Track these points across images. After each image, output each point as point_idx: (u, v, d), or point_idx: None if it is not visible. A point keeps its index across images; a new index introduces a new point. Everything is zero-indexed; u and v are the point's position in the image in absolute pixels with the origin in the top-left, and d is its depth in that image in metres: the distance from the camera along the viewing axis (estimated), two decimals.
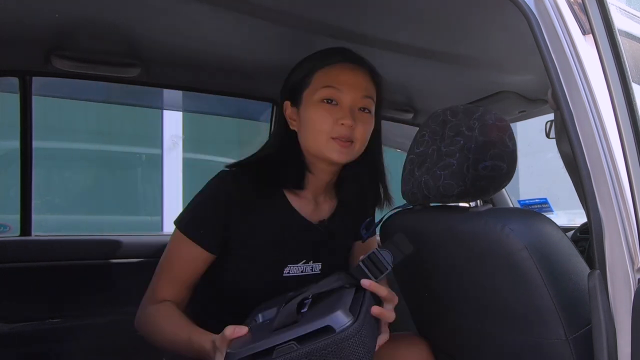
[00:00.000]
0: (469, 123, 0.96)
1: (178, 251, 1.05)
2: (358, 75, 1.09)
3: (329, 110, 1.06)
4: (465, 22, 1.13)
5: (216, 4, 1.06)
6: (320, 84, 1.07)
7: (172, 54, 1.35)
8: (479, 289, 0.97)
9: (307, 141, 1.09)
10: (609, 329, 0.76)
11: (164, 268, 1.06)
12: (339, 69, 1.08)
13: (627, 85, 0.77)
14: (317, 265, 1.13)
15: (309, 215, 1.13)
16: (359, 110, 1.09)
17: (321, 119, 1.06)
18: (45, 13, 1.11)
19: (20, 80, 1.49)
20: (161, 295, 1.04)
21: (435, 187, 0.98)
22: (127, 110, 4.10)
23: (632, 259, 0.76)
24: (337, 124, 1.05)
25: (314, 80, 1.08)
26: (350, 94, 1.07)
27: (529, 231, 0.86)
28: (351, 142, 1.07)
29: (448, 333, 1.13)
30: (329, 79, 1.07)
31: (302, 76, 1.10)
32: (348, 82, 1.07)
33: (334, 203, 1.19)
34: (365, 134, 1.10)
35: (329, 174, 1.14)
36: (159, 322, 1.00)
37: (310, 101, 1.08)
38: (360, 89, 1.08)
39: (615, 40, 0.77)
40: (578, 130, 0.81)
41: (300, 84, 1.10)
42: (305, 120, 1.09)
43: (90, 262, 1.62)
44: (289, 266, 1.09)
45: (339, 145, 1.06)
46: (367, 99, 1.09)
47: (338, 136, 1.05)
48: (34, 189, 1.59)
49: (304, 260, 1.11)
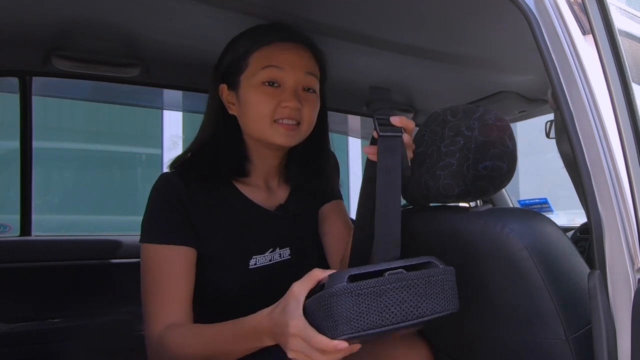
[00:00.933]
0: (469, 123, 0.96)
1: (159, 265, 0.96)
2: (298, 52, 1.04)
3: (271, 94, 1.01)
4: (466, 22, 1.13)
5: (216, 4, 1.06)
6: (259, 65, 1.01)
7: (172, 54, 1.35)
8: (478, 289, 0.97)
9: (249, 126, 1.04)
10: (609, 329, 0.76)
11: (154, 292, 0.96)
12: (277, 48, 1.02)
13: (627, 85, 0.77)
14: (284, 251, 1.10)
15: (263, 202, 1.10)
16: (304, 90, 1.04)
17: (263, 103, 1.00)
18: (45, 13, 1.11)
19: (20, 80, 1.49)
20: (169, 319, 0.94)
21: (435, 187, 0.98)
22: (127, 110, 4.10)
23: (632, 259, 0.76)
24: (281, 106, 1.01)
25: (251, 62, 1.02)
26: (292, 73, 1.01)
27: (529, 231, 0.86)
28: (298, 124, 1.03)
29: (448, 333, 1.13)
30: (268, 59, 1.01)
31: (237, 57, 1.04)
32: (289, 60, 1.01)
33: (289, 187, 1.16)
34: (312, 115, 1.06)
35: (275, 159, 1.10)
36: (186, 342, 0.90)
37: (249, 84, 1.02)
38: (302, 66, 1.03)
39: (615, 40, 0.77)
40: (578, 130, 0.81)
41: (236, 67, 1.04)
42: (245, 105, 1.03)
43: (90, 262, 1.62)
44: (255, 257, 1.05)
45: (285, 129, 1.01)
46: (310, 76, 1.05)
47: (282, 118, 1.01)
48: (34, 189, 1.59)
49: (270, 249, 1.08)
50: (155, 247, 0.97)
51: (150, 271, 0.97)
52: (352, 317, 0.71)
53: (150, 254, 0.97)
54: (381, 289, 0.72)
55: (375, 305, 0.72)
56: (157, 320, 0.95)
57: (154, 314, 0.95)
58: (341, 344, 0.71)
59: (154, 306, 0.96)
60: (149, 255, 0.98)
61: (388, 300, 0.72)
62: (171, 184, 1.02)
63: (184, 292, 0.97)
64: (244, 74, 1.03)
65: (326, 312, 0.72)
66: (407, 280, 0.74)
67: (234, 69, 1.04)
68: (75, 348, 1.53)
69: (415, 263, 0.79)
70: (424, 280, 0.76)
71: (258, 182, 1.11)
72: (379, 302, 0.72)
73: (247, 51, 1.03)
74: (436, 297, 0.76)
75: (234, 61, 1.04)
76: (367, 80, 1.58)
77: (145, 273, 0.98)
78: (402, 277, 0.75)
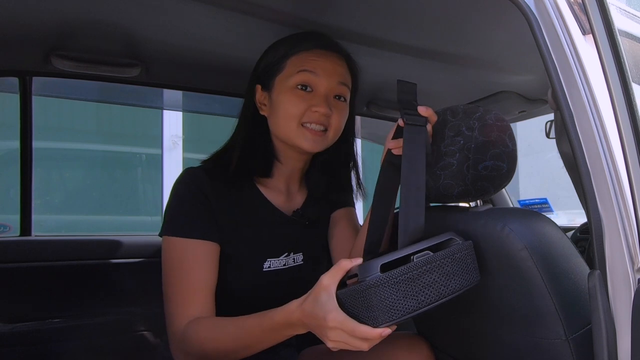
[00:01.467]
0: (469, 123, 0.96)
1: (184, 259, 0.95)
2: (334, 61, 1.06)
3: (303, 97, 1.02)
4: (465, 22, 1.13)
5: (216, 4, 1.06)
6: (295, 69, 1.03)
7: (172, 54, 1.35)
8: (479, 289, 0.97)
9: (278, 127, 1.05)
10: (609, 329, 0.76)
11: (177, 285, 0.95)
12: (314, 54, 1.04)
13: (627, 85, 0.77)
14: (298, 256, 1.11)
15: (281, 206, 1.11)
16: (335, 98, 1.06)
17: (294, 105, 1.02)
18: (46, 13, 1.11)
19: (20, 80, 1.49)
20: (192, 312, 0.93)
21: (435, 187, 0.98)
22: (127, 110, 4.10)
23: (632, 259, 0.76)
24: (311, 110, 1.02)
25: (287, 65, 1.04)
26: (325, 80, 1.03)
27: (529, 231, 0.86)
28: (325, 130, 1.04)
29: (448, 333, 1.13)
30: (304, 63, 1.03)
31: (275, 60, 1.06)
32: (324, 67, 1.03)
33: (305, 192, 1.17)
34: (340, 123, 1.07)
35: (299, 162, 1.11)
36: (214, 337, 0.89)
37: (283, 86, 1.04)
38: (337, 74, 1.05)
39: (615, 40, 0.77)
40: (578, 130, 0.81)
41: (272, 69, 1.06)
42: (276, 106, 1.04)
43: (90, 262, 1.62)
44: (269, 260, 1.06)
45: (312, 134, 1.03)
46: (343, 86, 1.06)
47: (310, 122, 1.02)
48: (34, 189, 1.59)
49: (285, 254, 1.09)
50: (179, 241, 0.96)
51: (173, 265, 0.96)
52: (390, 306, 0.74)
53: (175, 247, 0.97)
54: (413, 274, 0.76)
55: (410, 291, 0.75)
56: (181, 314, 0.93)
57: (177, 308, 0.94)
58: (385, 331, 0.74)
59: (177, 300, 0.94)
60: (173, 248, 0.97)
61: (421, 284, 0.76)
62: (196, 178, 1.01)
63: (208, 287, 0.96)
64: (279, 76, 1.05)
65: (365, 304, 0.75)
66: (435, 261, 0.78)
67: (270, 71, 1.06)
68: (75, 348, 1.53)
69: (437, 242, 0.82)
70: (450, 258, 0.80)
71: (279, 184, 1.12)
72: (413, 287, 0.75)
73: (285, 55, 1.05)
74: (462, 272, 0.81)
75: (271, 64, 1.06)
76: (367, 81, 1.58)
77: (169, 267, 0.97)
78: (430, 259, 0.78)
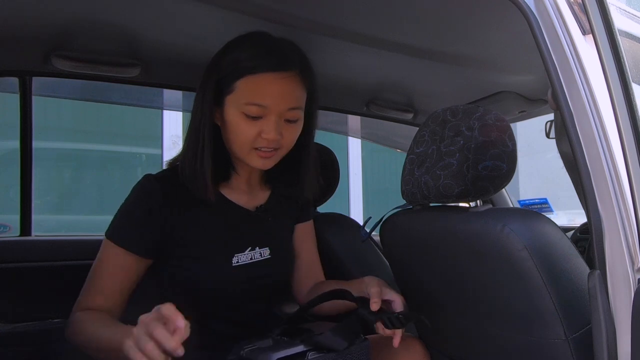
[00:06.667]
0: (469, 123, 0.96)
1: (107, 260, 1.02)
2: (285, 84, 1.01)
3: (254, 124, 1.00)
4: (465, 22, 1.13)
5: (217, 4, 1.06)
6: (244, 98, 1.00)
7: (172, 54, 1.35)
8: (478, 289, 0.97)
9: (230, 145, 1.05)
10: (609, 329, 0.76)
11: (94, 277, 1.03)
12: (264, 80, 1.00)
13: (627, 85, 0.77)
14: (264, 250, 1.12)
15: (244, 203, 1.12)
16: (286, 122, 1.03)
17: (244, 133, 1.01)
18: (46, 13, 1.11)
19: (20, 80, 1.49)
20: (92, 305, 1.01)
21: (435, 187, 0.98)
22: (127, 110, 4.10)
23: (632, 259, 0.76)
24: (261, 136, 1.01)
25: (237, 87, 1.00)
26: (275, 108, 1.00)
27: (529, 231, 0.86)
28: (276, 149, 1.04)
29: (448, 333, 1.13)
30: (254, 94, 0.99)
31: (223, 77, 1.02)
32: (273, 95, 1.00)
33: (270, 188, 1.19)
34: (292, 140, 1.06)
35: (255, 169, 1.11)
36: (85, 328, 0.95)
37: (233, 109, 1.01)
38: (286, 101, 1.01)
39: (615, 40, 0.77)
40: (578, 130, 0.81)
41: (223, 85, 1.03)
42: (227, 125, 1.03)
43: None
44: (236, 255, 1.08)
45: (263, 155, 1.03)
46: (294, 110, 1.03)
47: (261, 147, 1.02)
48: (33, 189, 1.59)
49: (249, 248, 1.10)
50: (108, 243, 1.02)
51: (97, 261, 1.03)
52: None
53: (104, 247, 1.03)
54: None
55: None
56: (80, 302, 1.01)
57: (81, 296, 1.02)
58: None
59: (85, 289, 1.03)
60: (104, 247, 1.03)
61: None
62: (148, 191, 1.04)
63: (115, 292, 1.02)
64: (229, 96, 1.02)
65: None
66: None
67: (221, 85, 1.03)
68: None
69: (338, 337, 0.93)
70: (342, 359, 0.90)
71: (240, 184, 1.13)
72: None
73: (235, 74, 1.01)
74: None
75: (220, 79, 1.03)
76: (367, 80, 1.58)
77: (97, 259, 1.04)
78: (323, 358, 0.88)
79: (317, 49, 1.18)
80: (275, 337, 0.96)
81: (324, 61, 1.35)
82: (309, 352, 0.87)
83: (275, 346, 0.90)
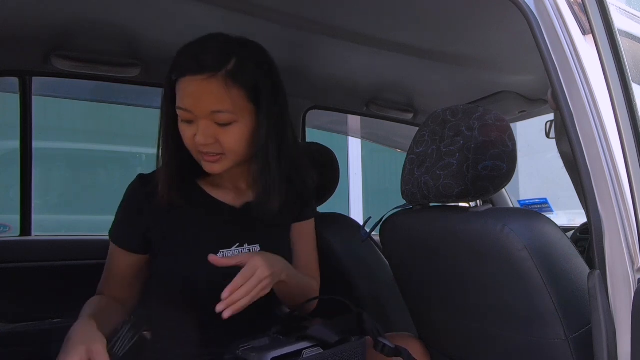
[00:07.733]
0: (469, 123, 0.96)
1: (109, 256, 1.12)
2: (204, 87, 0.96)
3: (189, 128, 1.00)
4: (465, 22, 1.13)
5: (216, 4, 1.06)
6: (177, 102, 0.99)
7: (172, 54, 1.34)
8: (478, 289, 0.97)
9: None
10: (609, 329, 0.76)
11: (105, 270, 1.13)
12: (185, 84, 0.97)
13: (627, 85, 0.77)
14: (254, 247, 1.11)
15: (230, 200, 1.12)
16: (219, 125, 0.99)
17: (185, 136, 1.01)
18: (46, 13, 1.11)
19: (20, 80, 1.49)
20: (105, 293, 1.11)
21: (435, 187, 0.98)
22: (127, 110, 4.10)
23: (632, 259, 0.76)
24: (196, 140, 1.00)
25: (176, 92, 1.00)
26: (199, 112, 0.97)
27: (529, 231, 0.86)
28: (221, 154, 1.01)
29: (448, 333, 1.13)
30: (179, 98, 0.98)
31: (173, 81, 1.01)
32: (194, 98, 0.97)
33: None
34: (234, 144, 1.01)
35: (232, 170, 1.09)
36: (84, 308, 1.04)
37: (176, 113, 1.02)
38: (208, 103, 0.97)
39: (615, 40, 0.77)
40: (578, 130, 0.81)
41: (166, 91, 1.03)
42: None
43: (90, 262, 1.62)
44: (222, 251, 1.07)
45: (208, 160, 1.02)
46: (219, 113, 0.98)
47: (201, 151, 1.01)
48: (34, 189, 1.59)
49: (237, 244, 1.10)
50: (112, 243, 1.11)
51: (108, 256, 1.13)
52: None
53: (111, 245, 1.12)
54: None
55: None
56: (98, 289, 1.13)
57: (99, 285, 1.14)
58: None
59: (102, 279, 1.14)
60: (110, 246, 1.12)
61: None
62: (135, 192, 1.10)
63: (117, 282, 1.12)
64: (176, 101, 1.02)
65: None
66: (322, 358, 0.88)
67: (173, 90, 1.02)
68: None
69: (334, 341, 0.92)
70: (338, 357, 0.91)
71: (224, 183, 1.13)
72: None
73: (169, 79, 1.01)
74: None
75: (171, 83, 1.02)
76: (367, 80, 1.58)
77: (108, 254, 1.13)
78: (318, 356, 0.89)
79: (317, 49, 1.19)
80: (272, 336, 0.97)
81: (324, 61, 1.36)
82: (305, 350, 0.88)
83: (271, 345, 0.91)
